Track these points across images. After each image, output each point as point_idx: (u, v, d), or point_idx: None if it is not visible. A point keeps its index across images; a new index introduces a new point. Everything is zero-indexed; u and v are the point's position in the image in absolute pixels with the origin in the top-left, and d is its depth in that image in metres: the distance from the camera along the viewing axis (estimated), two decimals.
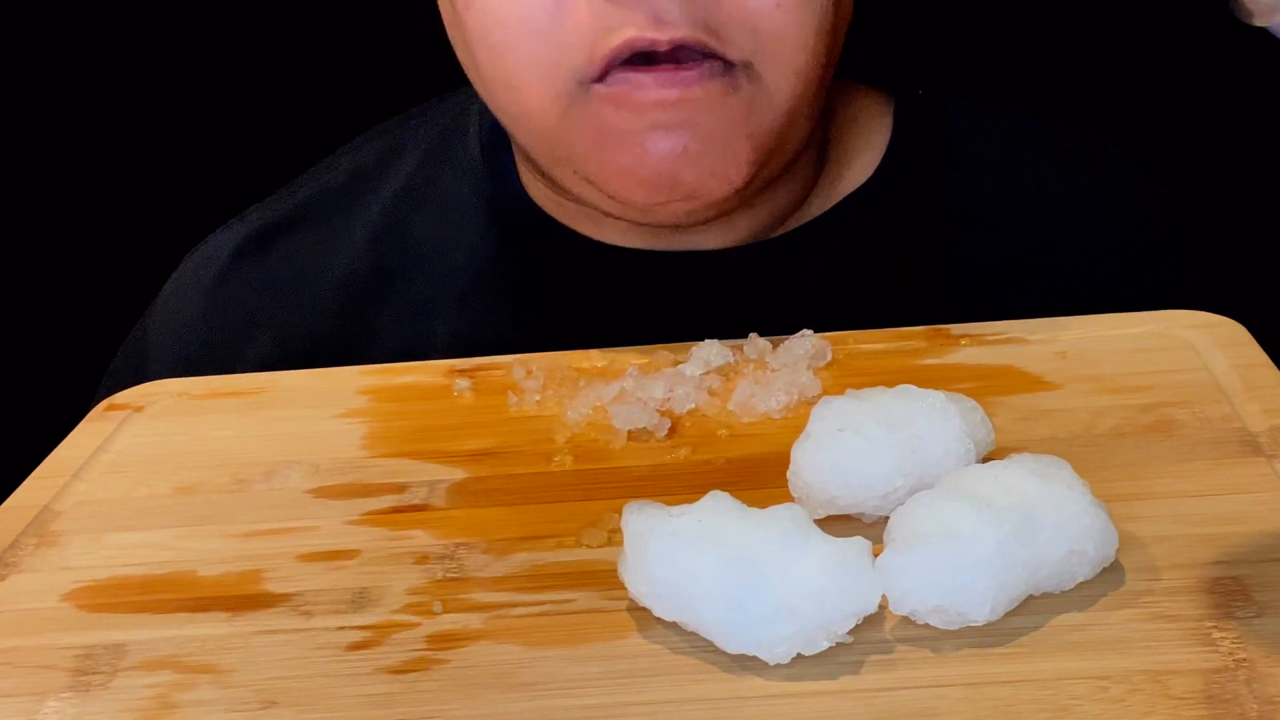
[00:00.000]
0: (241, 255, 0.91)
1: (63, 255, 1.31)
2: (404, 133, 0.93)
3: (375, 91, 1.17)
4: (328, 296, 0.88)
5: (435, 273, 0.87)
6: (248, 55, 1.30)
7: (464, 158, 0.89)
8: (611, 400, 0.69)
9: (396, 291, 0.87)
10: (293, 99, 1.30)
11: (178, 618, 0.57)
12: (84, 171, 1.32)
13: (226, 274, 0.91)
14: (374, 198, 0.90)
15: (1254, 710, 0.47)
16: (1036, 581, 0.52)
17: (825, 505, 0.58)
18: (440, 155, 0.90)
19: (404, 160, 0.91)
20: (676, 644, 0.52)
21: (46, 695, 0.53)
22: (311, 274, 0.89)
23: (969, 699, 0.48)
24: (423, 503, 0.64)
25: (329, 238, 0.90)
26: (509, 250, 0.86)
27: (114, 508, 0.66)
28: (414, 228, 0.88)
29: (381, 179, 0.91)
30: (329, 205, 0.91)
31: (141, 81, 1.30)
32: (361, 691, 0.52)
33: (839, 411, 0.59)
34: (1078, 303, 0.74)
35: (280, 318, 0.88)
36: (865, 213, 0.84)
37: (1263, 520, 0.56)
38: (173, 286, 0.93)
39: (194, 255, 0.93)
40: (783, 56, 0.74)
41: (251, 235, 0.91)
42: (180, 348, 0.90)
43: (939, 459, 0.57)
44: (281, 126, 1.28)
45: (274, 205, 0.93)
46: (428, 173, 0.90)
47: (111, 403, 0.76)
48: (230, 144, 1.30)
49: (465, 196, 0.88)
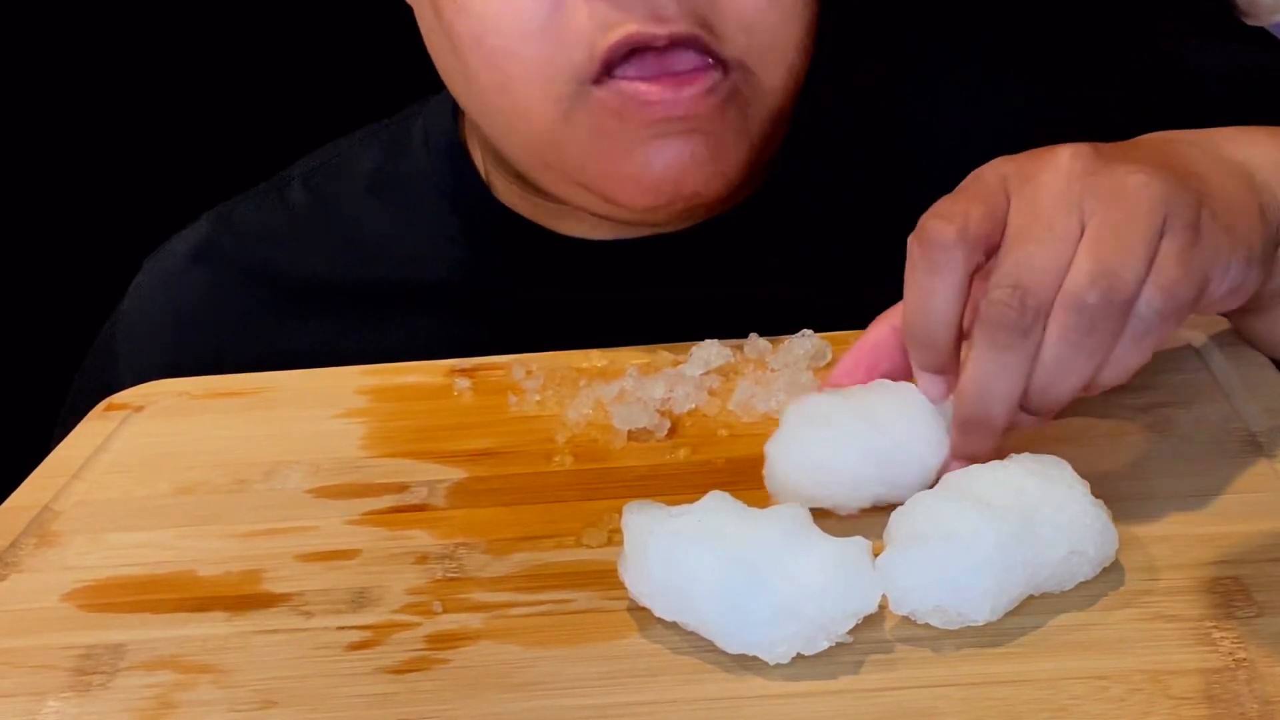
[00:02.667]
0: (198, 260, 0.91)
1: (63, 255, 1.31)
2: (356, 144, 0.93)
3: (335, 99, 1.17)
4: (291, 301, 0.88)
5: (401, 276, 0.87)
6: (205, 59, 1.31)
7: (422, 162, 0.89)
8: (611, 400, 0.69)
9: (360, 296, 0.87)
10: (253, 104, 1.30)
11: (178, 618, 0.57)
12: (84, 171, 1.32)
13: (185, 279, 0.90)
14: (335, 203, 0.90)
15: (1254, 710, 0.47)
16: (1036, 581, 0.52)
17: (798, 500, 0.57)
18: (397, 162, 0.90)
19: (361, 168, 0.91)
20: (676, 644, 0.52)
21: (46, 695, 0.53)
22: (272, 278, 0.89)
23: (969, 699, 0.48)
24: (423, 503, 0.64)
25: (290, 243, 0.89)
26: (477, 250, 0.86)
27: (114, 508, 0.66)
28: (377, 232, 0.88)
29: (341, 185, 0.91)
30: (290, 211, 0.91)
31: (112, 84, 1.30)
32: (361, 691, 0.52)
33: (807, 405, 0.59)
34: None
35: (241, 323, 0.88)
36: (812, 155, 0.85)
37: (1263, 520, 0.56)
38: (131, 300, 0.93)
39: (151, 262, 0.93)
40: (775, 54, 0.76)
41: (205, 241, 0.91)
42: (149, 360, 0.89)
43: (908, 449, 0.57)
44: (246, 130, 1.28)
45: (230, 211, 0.93)
46: (388, 178, 0.90)
47: (111, 403, 0.76)
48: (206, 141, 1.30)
49: (428, 198, 0.88)
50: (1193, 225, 0.56)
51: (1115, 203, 0.55)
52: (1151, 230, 0.55)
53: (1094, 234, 0.55)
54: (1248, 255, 0.58)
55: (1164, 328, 0.55)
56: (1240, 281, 0.58)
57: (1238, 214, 0.59)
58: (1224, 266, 0.57)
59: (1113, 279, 0.54)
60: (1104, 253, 0.54)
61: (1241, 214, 0.59)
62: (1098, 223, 0.55)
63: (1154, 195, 0.55)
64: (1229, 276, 0.57)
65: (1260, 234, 0.59)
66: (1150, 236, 0.55)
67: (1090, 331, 0.54)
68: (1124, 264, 0.54)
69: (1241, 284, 0.58)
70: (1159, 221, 0.55)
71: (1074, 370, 0.55)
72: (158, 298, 0.91)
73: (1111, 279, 0.54)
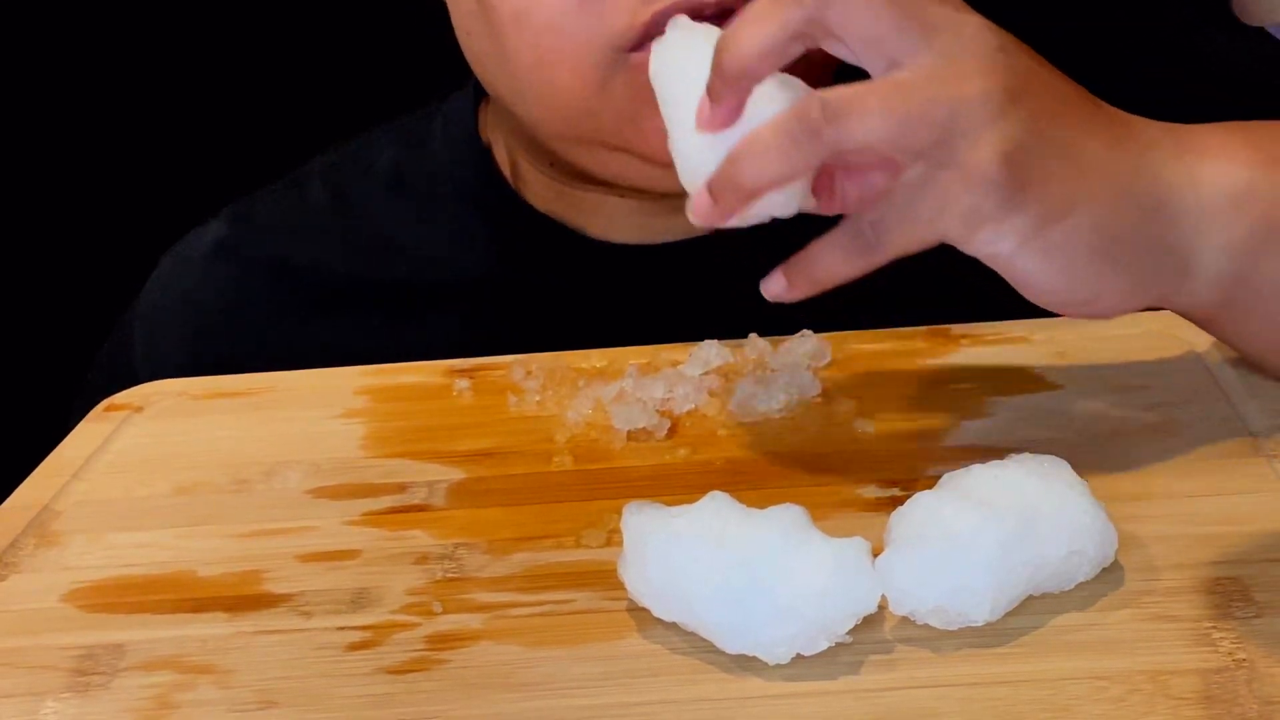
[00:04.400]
0: (217, 257, 0.91)
1: (62, 256, 1.31)
2: (375, 141, 0.92)
3: (350, 94, 1.17)
4: (309, 299, 0.88)
5: (421, 274, 0.87)
6: (223, 54, 1.30)
7: (443, 160, 0.89)
8: (611, 400, 0.69)
9: (379, 295, 0.87)
10: (271, 100, 1.30)
11: (178, 618, 0.57)
12: (84, 171, 1.32)
13: (204, 277, 0.91)
14: (354, 201, 0.90)
15: (1254, 710, 0.47)
16: (1036, 581, 0.52)
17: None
18: (417, 160, 0.90)
19: (381, 166, 0.91)
20: (676, 644, 0.52)
21: (46, 695, 0.53)
22: (292, 276, 0.89)
23: (969, 699, 0.48)
24: (422, 503, 0.64)
25: (309, 241, 0.89)
26: (498, 249, 0.86)
27: (114, 508, 0.66)
28: (396, 230, 0.88)
29: (361, 182, 0.91)
30: (309, 208, 0.91)
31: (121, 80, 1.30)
32: (361, 692, 0.52)
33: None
34: None
35: (261, 321, 0.88)
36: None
37: (1263, 520, 0.56)
38: (149, 295, 0.93)
39: (169, 259, 0.93)
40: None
41: (224, 238, 0.91)
42: (167, 357, 0.89)
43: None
44: (263, 125, 1.28)
45: (249, 207, 0.93)
46: (407, 176, 0.90)
47: (111, 403, 0.76)
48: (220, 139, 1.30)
49: (448, 197, 0.88)
50: (950, 103, 0.56)
51: (936, 31, 0.57)
52: (907, 49, 0.56)
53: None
54: (1025, 209, 0.57)
55: (833, 131, 0.56)
56: (981, 214, 0.57)
57: (1088, 200, 0.58)
58: (960, 176, 0.56)
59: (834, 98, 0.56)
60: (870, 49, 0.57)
61: (1091, 205, 0.58)
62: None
63: (983, 48, 0.57)
64: (959, 196, 0.57)
65: (1110, 230, 0.59)
66: (903, 52, 0.56)
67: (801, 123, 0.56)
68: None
69: (981, 217, 0.57)
70: (927, 56, 0.56)
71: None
72: (177, 295, 0.91)
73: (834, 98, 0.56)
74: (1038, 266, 0.59)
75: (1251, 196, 0.61)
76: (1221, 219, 0.61)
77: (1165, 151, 0.62)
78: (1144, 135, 0.62)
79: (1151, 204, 0.60)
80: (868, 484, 0.61)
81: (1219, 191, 0.61)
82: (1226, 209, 0.61)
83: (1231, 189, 0.61)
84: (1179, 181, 0.61)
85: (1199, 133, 0.63)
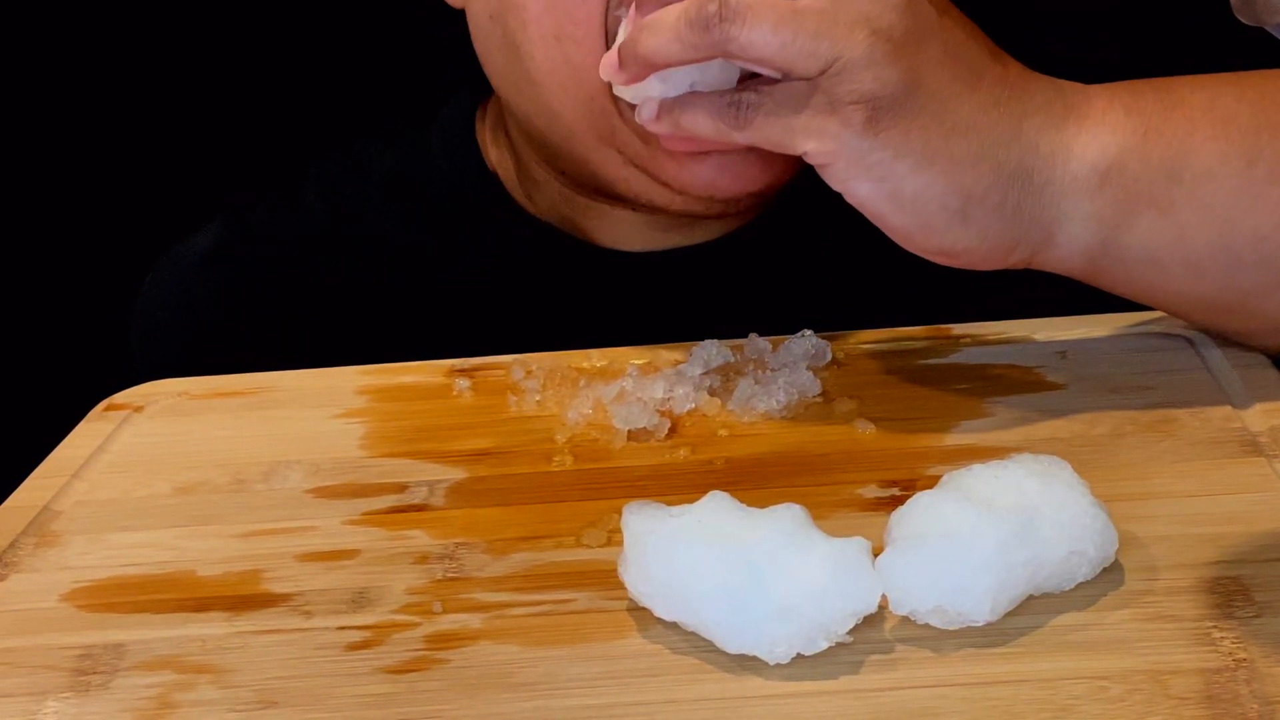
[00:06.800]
0: (213, 263, 0.91)
1: (62, 256, 1.31)
2: (371, 147, 0.92)
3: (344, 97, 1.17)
4: (305, 304, 0.88)
5: (418, 280, 0.86)
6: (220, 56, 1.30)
7: (440, 166, 0.88)
8: (611, 400, 0.69)
9: (376, 300, 0.87)
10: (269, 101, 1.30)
11: (178, 618, 0.57)
12: (84, 172, 1.32)
13: (200, 282, 0.91)
14: (350, 207, 0.90)
15: (1254, 710, 0.47)
16: (1036, 582, 0.52)
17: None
18: (414, 166, 0.90)
19: (377, 172, 0.91)
20: (676, 644, 0.52)
21: (46, 695, 0.53)
22: (287, 282, 0.89)
23: (969, 699, 0.48)
24: (422, 503, 0.64)
25: (305, 246, 0.89)
26: (495, 255, 0.86)
27: (114, 508, 0.66)
28: (393, 236, 0.88)
29: (357, 188, 0.91)
30: (305, 214, 0.91)
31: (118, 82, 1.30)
32: (361, 691, 0.52)
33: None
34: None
35: (257, 326, 0.88)
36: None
37: (1263, 520, 0.56)
38: (146, 300, 0.93)
39: (165, 263, 0.93)
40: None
41: (220, 244, 0.91)
42: (165, 361, 0.89)
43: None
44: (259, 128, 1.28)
45: (244, 213, 0.93)
46: (405, 182, 0.89)
47: (111, 403, 0.76)
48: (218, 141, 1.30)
49: (446, 203, 0.87)
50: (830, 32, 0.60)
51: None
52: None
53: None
54: (880, 155, 0.61)
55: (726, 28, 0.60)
56: (837, 148, 0.61)
57: (945, 140, 0.61)
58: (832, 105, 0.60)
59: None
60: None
61: (952, 158, 0.61)
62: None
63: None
64: (823, 125, 0.61)
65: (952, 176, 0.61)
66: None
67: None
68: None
69: (837, 152, 0.61)
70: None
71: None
72: (174, 300, 0.91)
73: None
74: (890, 212, 0.63)
75: (1119, 170, 0.63)
76: (1087, 191, 0.64)
77: (1044, 119, 0.64)
78: (1030, 100, 0.64)
79: (1017, 171, 0.63)
80: (868, 484, 0.61)
81: (1087, 164, 0.63)
82: (1093, 181, 0.63)
83: (1101, 161, 0.63)
84: (1050, 151, 0.63)
85: (1089, 95, 0.65)
